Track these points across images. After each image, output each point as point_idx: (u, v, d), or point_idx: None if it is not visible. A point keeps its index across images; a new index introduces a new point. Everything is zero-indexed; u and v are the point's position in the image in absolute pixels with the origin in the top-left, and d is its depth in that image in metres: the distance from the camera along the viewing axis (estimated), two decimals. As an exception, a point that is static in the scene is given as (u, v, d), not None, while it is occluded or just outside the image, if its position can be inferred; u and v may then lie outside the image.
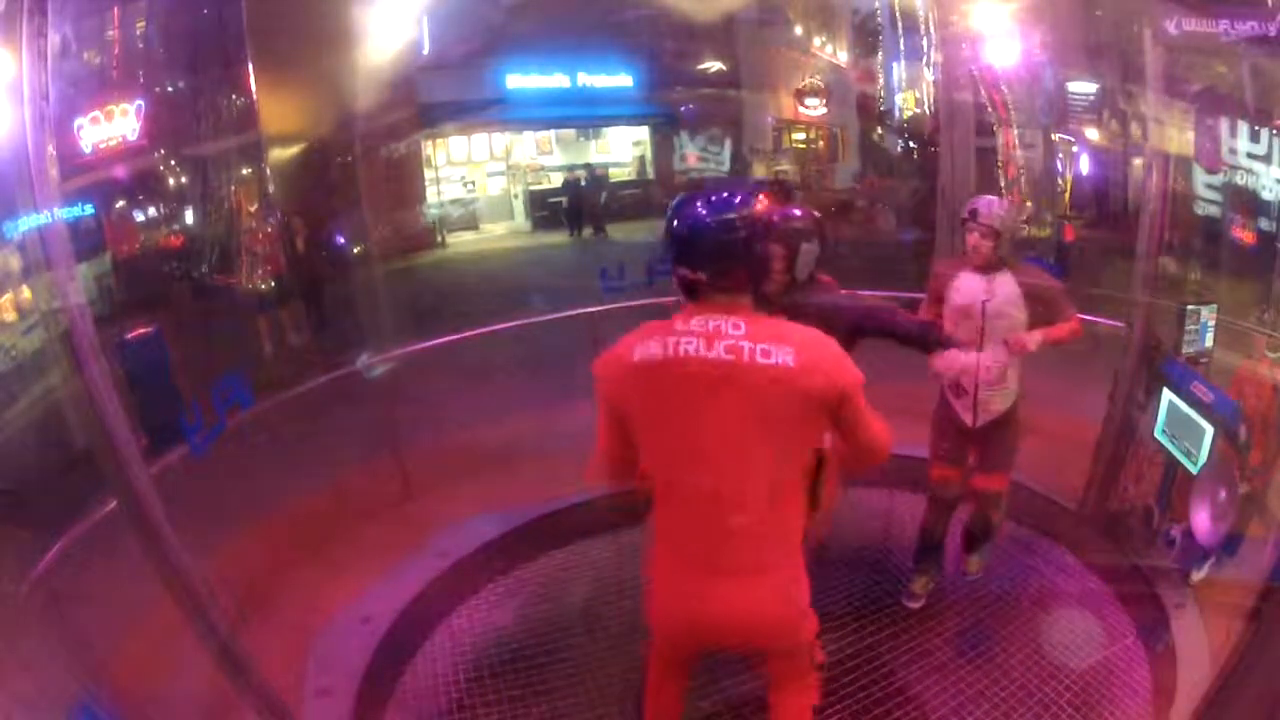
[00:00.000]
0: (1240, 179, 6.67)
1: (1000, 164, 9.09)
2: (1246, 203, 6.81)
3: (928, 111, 11.25)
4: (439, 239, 13.11)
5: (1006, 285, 2.78)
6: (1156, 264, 3.35)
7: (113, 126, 7.19)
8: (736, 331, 1.59)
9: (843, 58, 13.06)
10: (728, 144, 14.12)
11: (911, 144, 12.04)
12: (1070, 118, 9.21)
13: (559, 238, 13.56)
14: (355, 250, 8.54)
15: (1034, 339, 2.74)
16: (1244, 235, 6.98)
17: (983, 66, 8.43)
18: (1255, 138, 6.47)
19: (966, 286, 2.82)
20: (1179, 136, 6.53)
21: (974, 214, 2.75)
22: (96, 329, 2.20)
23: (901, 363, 2.63)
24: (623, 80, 13.83)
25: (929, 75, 11.27)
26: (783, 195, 2.95)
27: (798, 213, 2.63)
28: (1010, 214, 2.82)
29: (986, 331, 2.79)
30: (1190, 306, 3.17)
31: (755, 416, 1.61)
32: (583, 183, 13.76)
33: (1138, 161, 7.70)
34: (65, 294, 2.15)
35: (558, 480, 3.43)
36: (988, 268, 2.78)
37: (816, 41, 13.25)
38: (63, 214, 2.22)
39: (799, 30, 13.35)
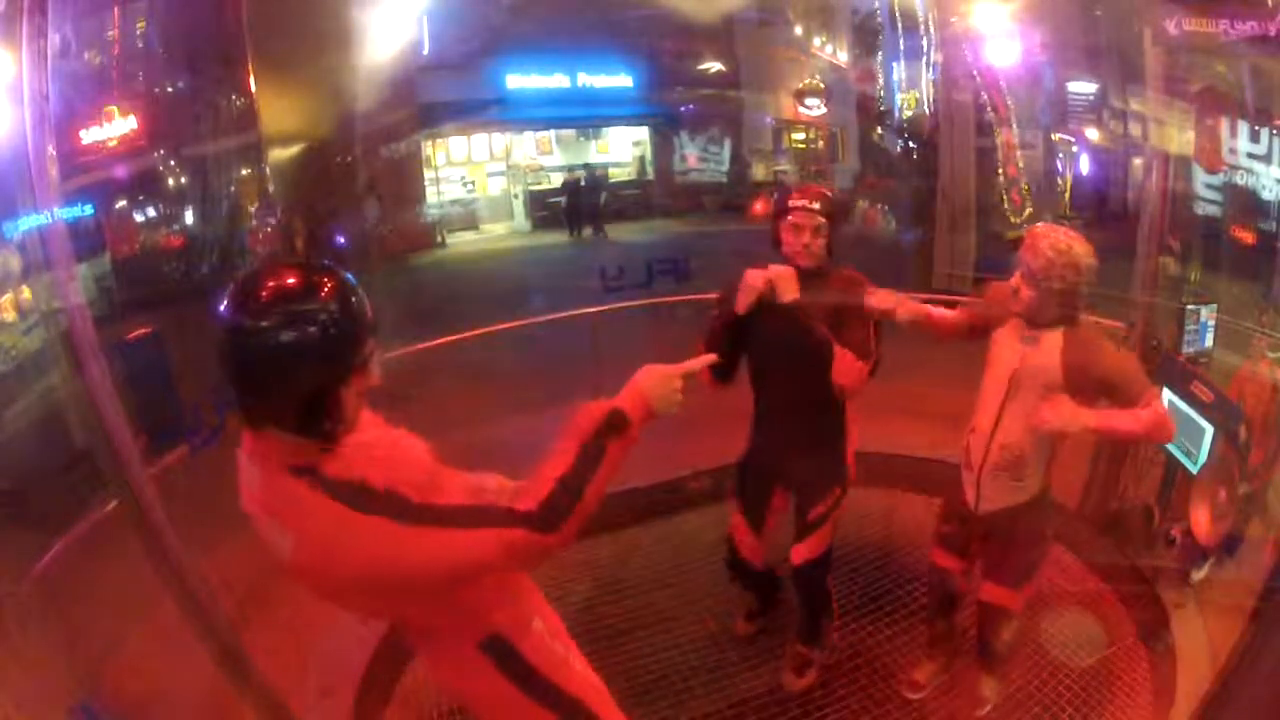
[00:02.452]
0: (1240, 179, 6.67)
1: (1000, 164, 9.09)
2: (1246, 203, 6.82)
3: (928, 111, 11.25)
4: (439, 239, 13.12)
5: (1049, 354, 2.08)
6: (1157, 264, 3.35)
7: (113, 126, 7.20)
8: (251, 486, 1.22)
9: (843, 58, 13.06)
10: (728, 144, 14.14)
11: (911, 144, 12.03)
12: (1070, 118, 9.21)
13: (559, 238, 13.56)
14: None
15: (1069, 418, 1.97)
16: (1244, 235, 6.98)
17: (983, 66, 8.43)
18: (1255, 138, 6.47)
19: (1006, 336, 2.20)
20: (1179, 136, 6.53)
21: (1038, 260, 2.03)
22: (96, 329, 2.20)
23: (903, 363, 2.61)
24: (623, 80, 13.84)
25: (929, 75, 11.27)
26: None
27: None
28: (1062, 258, 1.99)
29: (1006, 404, 2.17)
30: (1190, 306, 3.17)
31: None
32: (583, 183, 13.76)
33: (1138, 161, 7.70)
34: (65, 294, 2.15)
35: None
36: (1037, 321, 2.11)
37: (816, 41, 13.25)
38: (63, 214, 2.22)
39: (799, 30, 13.35)
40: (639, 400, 1.31)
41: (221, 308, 1.12)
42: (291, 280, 1.13)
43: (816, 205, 2.36)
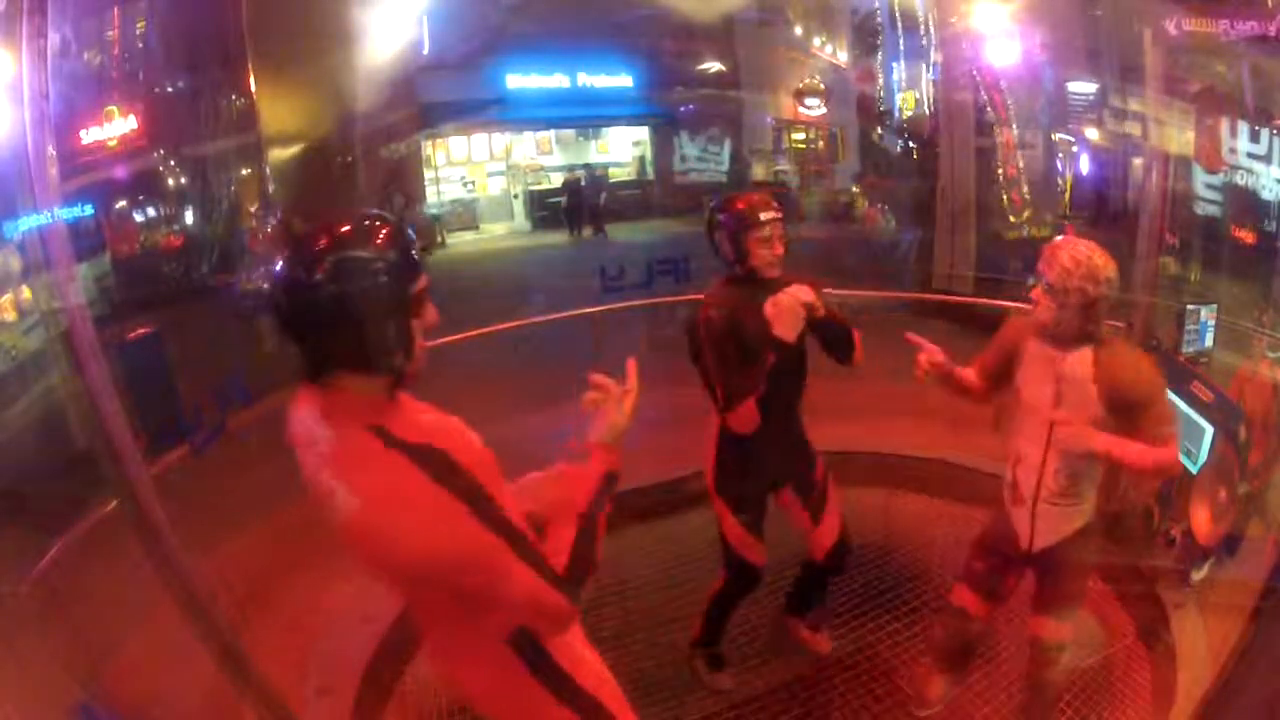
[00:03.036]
0: (1240, 179, 6.67)
1: (1000, 164, 9.09)
2: (1246, 203, 6.82)
3: (928, 111, 11.25)
4: (439, 239, 13.12)
5: (1080, 371, 2.00)
6: (1157, 264, 3.35)
7: (113, 126, 7.20)
8: (319, 446, 1.18)
9: (843, 58, 13.06)
10: (727, 144, 14.14)
11: (911, 144, 12.04)
12: (1070, 118, 9.21)
13: (559, 238, 13.56)
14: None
15: (1092, 440, 1.95)
16: (1244, 235, 6.99)
17: (983, 66, 8.43)
18: (1255, 138, 6.47)
19: (1032, 360, 2.09)
20: (1179, 136, 6.53)
21: (1059, 270, 1.93)
22: (96, 329, 2.20)
23: (903, 364, 2.60)
24: (623, 80, 13.85)
25: (929, 75, 11.27)
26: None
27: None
28: (1080, 268, 1.91)
29: (1055, 426, 2.04)
30: (1190, 306, 3.17)
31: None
32: (583, 183, 13.76)
33: (1138, 161, 7.70)
34: (65, 294, 2.15)
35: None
36: (1062, 339, 2.01)
37: (816, 41, 13.25)
38: (63, 214, 2.22)
39: (799, 30, 13.35)
40: (612, 451, 1.38)
41: (278, 269, 1.15)
42: (341, 223, 1.16)
43: (780, 213, 2.33)
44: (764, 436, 2.40)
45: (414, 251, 1.19)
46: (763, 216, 2.29)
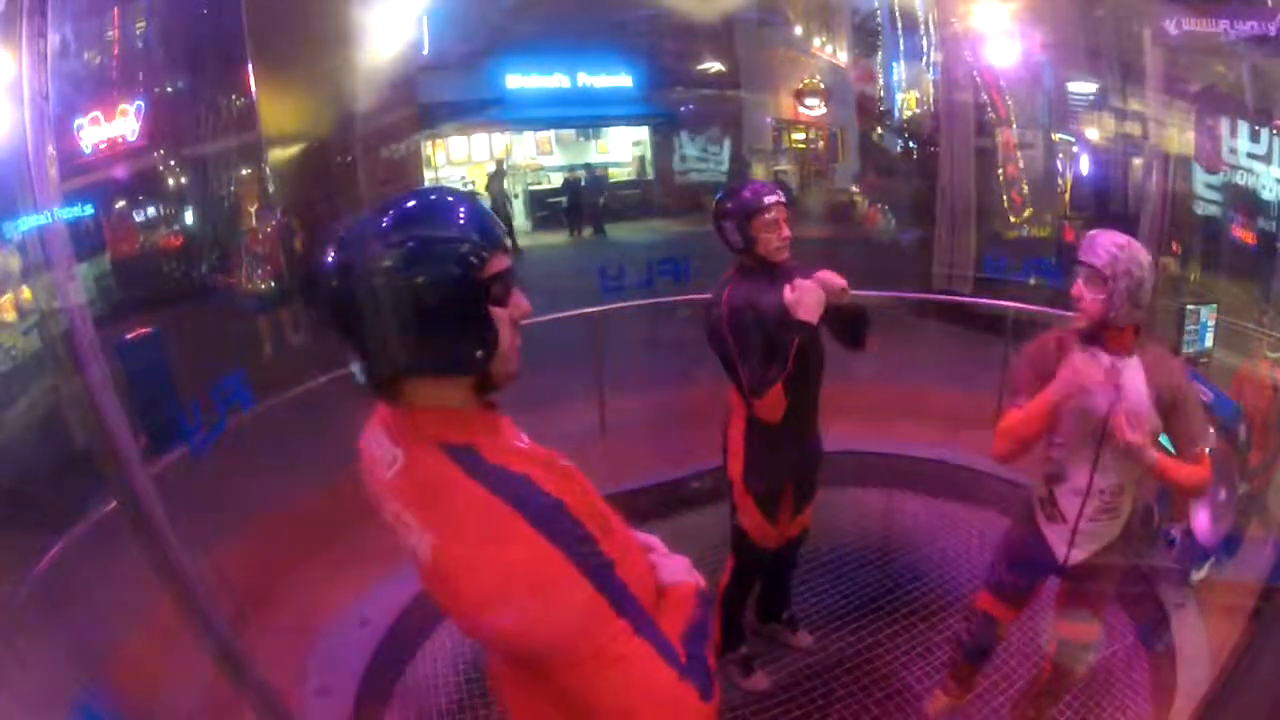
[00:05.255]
0: (1240, 179, 6.67)
1: (1000, 164, 9.08)
2: (1246, 203, 6.81)
3: (928, 111, 11.25)
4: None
5: (1136, 378, 1.92)
6: (1157, 264, 3.35)
7: (113, 126, 7.20)
8: (387, 471, 1.00)
9: (843, 58, 13.05)
10: (727, 144, 14.13)
11: (911, 144, 12.03)
12: (1070, 118, 9.20)
13: (559, 238, 13.56)
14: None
15: (1145, 450, 1.87)
16: (1244, 235, 6.98)
17: (983, 66, 8.43)
18: (1255, 138, 6.47)
19: (1072, 374, 1.91)
20: (1179, 136, 6.53)
21: (1110, 258, 1.87)
22: (96, 329, 2.20)
23: (903, 364, 2.60)
24: (623, 80, 13.83)
25: (929, 75, 11.27)
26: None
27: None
28: (1124, 252, 1.86)
29: (1103, 446, 1.97)
30: (1190, 306, 3.17)
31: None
32: (583, 183, 13.76)
33: (1138, 162, 7.70)
34: (65, 294, 2.15)
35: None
36: (1110, 343, 1.93)
37: (816, 41, 13.25)
38: (63, 214, 2.22)
39: (799, 30, 13.34)
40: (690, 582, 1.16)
41: (329, 263, 0.96)
42: (400, 200, 0.99)
43: (784, 198, 2.41)
44: (792, 429, 2.48)
45: (491, 226, 1.00)
46: (766, 200, 2.36)
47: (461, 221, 0.98)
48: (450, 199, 1.01)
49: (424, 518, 0.94)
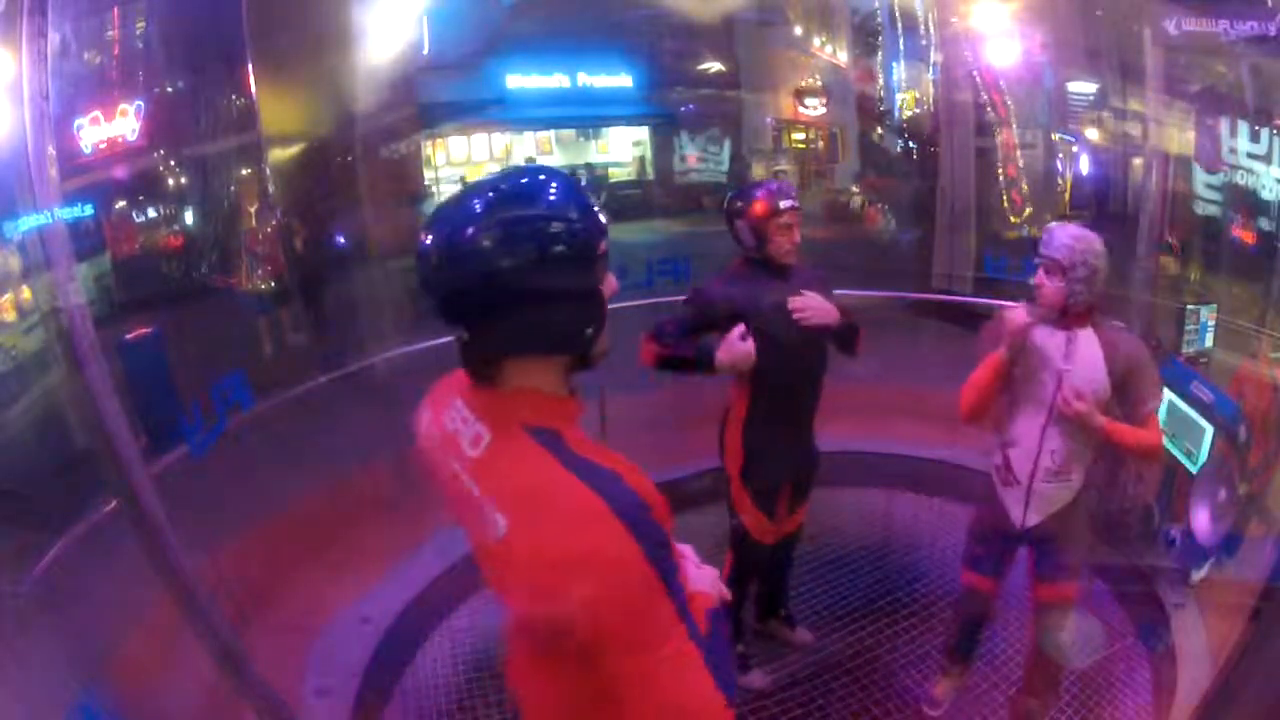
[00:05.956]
0: (1240, 179, 6.66)
1: (1000, 164, 9.08)
2: (1246, 203, 6.81)
3: (928, 111, 11.24)
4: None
5: (1090, 349, 2.13)
6: (1157, 264, 3.35)
7: (113, 126, 7.19)
8: (470, 449, 1.00)
9: (843, 58, 13.05)
10: (727, 144, 14.13)
11: (911, 144, 12.03)
12: (1070, 118, 9.20)
13: (559, 238, 13.55)
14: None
15: (1092, 415, 2.08)
16: (1244, 235, 6.98)
17: (983, 66, 8.43)
18: (1255, 138, 6.46)
19: (1038, 348, 2.18)
20: (1179, 136, 6.53)
21: (1067, 251, 2.08)
22: (96, 329, 2.20)
23: (904, 364, 2.61)
24: (623, 80, 13.83)
25: (929, 75, 11.27)
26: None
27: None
28: (1081, 243, 2.07)
29: (1054, 410, 2.18)
30: (1190, 306, 3.18)
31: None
32: (583, 183, 13.76)
33: (1138, 161, 7.69)
34: (65, 294, 2.15)
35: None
36: (1066, 320, 2.15)
37: (816, 41, 13.24)
38: (63, 214, 2.22)
39: (799, 30, 13.34)
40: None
41: (439, 239, 0.94)
42: (516, 177, 0.99)
43: (798, 202, 2.43)
44: (789, 428, 2.55)
45: (597, 207, 1.01)
46: (782, 205, 2.39)
47: (582, 200, 0.98)
48: (565, 178, 1.01)
49: (506, 499, 0.93)
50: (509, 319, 0.95)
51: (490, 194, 0.96)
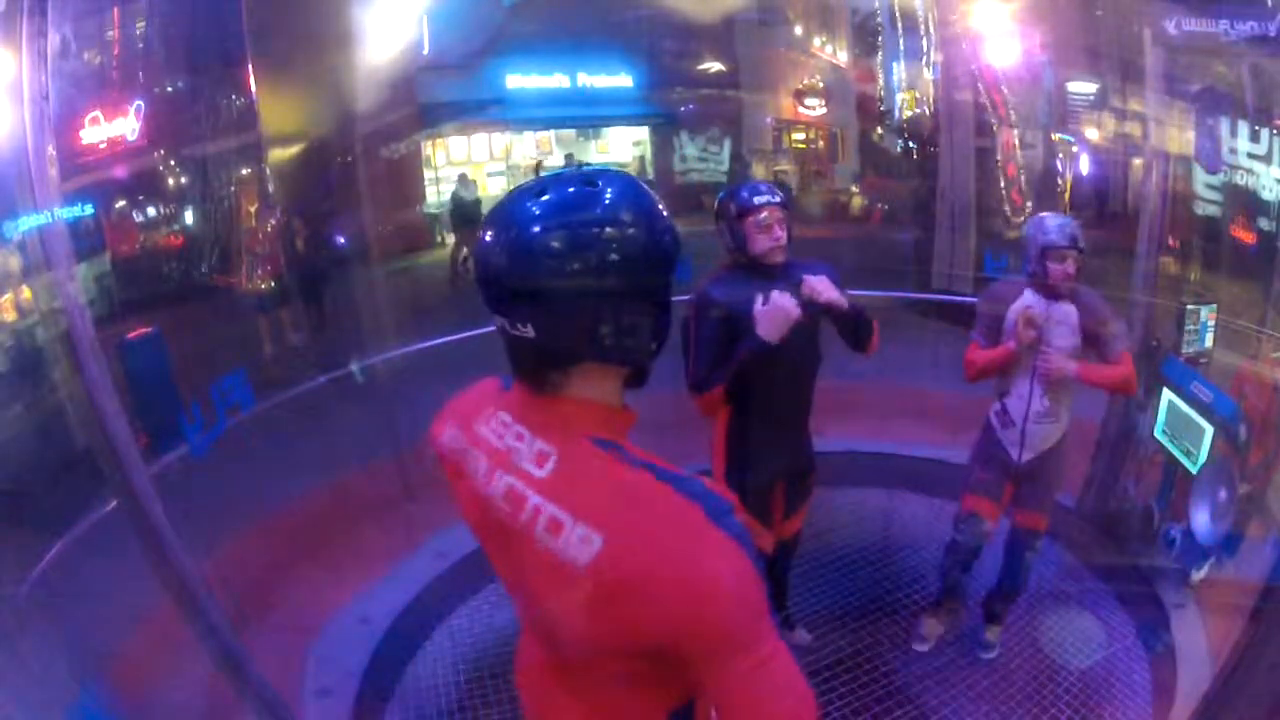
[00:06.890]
0: (1240, 179, 6.66)
1: (1000, 164, 9.08)
2: (1246, 203, 6.81)
3: (928, 111, 11.24)
4: (438, 239, 13.12)
5: (1066, 313, 2.53)
6: (1157, 264, 3.35)
7: (113, 126, 7.20)
8: (535, 468, 0.94)
9: (843, 58, 13.05)
10: (727, 144, 14.13)
11: (911, 144, 12.03)
12: (1070, 118, 9.20)
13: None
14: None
15: (1067, 366, 2.49)
16: (1244, 235, 6.97)
17: (983, 66, 8.43)
18: (1255, 138, 6.46)
19: (1023, 315, 2.52)
20: (1179, 136, 6.52)
21: (1073, 240, 2.44)
22: (96, 329, 2.20)
23: (904, 363, 2.62)
24: (623, 80, 13.83)
25: (929, 75, 11.27)
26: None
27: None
28: (1072, 225, 2.49)
29: (1040, 363, 2.55)
30: (1190, 306, 3.17)
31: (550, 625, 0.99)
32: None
33: (1138, 161, 7.69)
34: (65, 294, 2.15)
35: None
36: (1052, 293, 2.52)
37: (816, 41, 13.25)
38: (63, 214, 2.22)
39: (799, 30, 13.34)
40: None
41: (507, 241, 0.89)
42: (603, 186, 0.92)
43: (779, 197, 2.33)
44: (774, 428, 2.46)
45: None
46: (757, 201, 2.29)
47: (662, 207, 0.94)
48: (639, 184, 0.96)
49: (591, 515, 0.88)
50: (591, 321, 0.90)
51: (585, 190, 0.91)
